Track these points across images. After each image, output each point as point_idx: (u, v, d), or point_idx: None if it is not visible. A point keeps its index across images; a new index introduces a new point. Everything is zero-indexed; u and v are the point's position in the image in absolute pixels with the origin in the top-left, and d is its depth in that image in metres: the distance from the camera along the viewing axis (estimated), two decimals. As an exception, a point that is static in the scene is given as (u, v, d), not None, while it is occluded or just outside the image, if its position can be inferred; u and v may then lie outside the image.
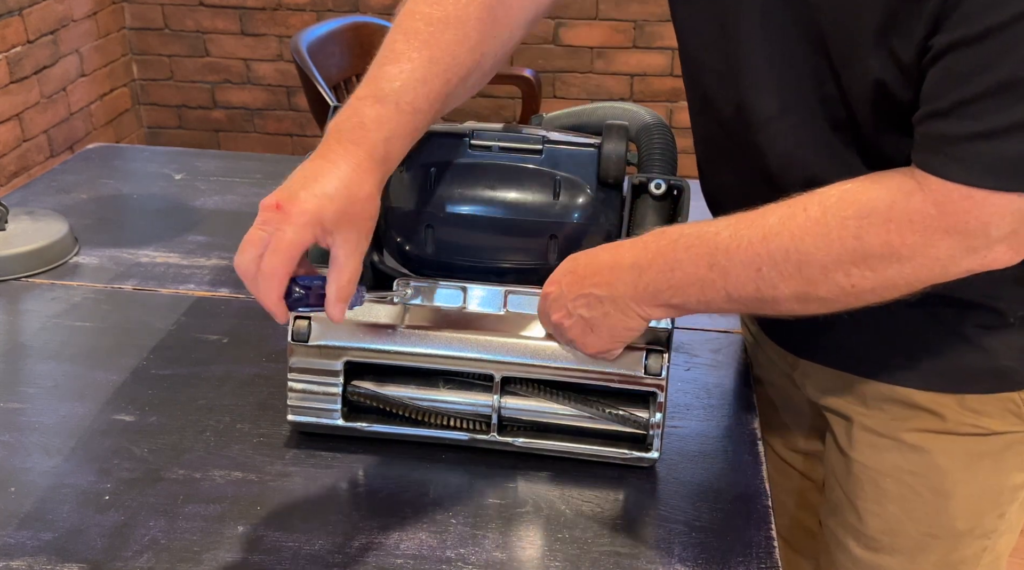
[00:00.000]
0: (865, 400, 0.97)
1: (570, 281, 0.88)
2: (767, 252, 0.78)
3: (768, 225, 0.79)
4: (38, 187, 1.57)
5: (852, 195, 0.77)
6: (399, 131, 0.84)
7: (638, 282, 0.85)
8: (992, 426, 0.93)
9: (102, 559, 0.85)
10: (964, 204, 0.72)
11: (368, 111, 0.83)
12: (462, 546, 0.87)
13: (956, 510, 0.97)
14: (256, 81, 3.40)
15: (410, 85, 0.84)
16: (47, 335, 1.17)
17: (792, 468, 1.17)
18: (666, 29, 3.16)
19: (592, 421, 0.95)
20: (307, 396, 0.96)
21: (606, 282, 0.86)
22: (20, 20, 2.80)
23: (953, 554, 0.99)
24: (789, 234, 0.78)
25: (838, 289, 0.78)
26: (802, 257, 0.77)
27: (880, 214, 0.75)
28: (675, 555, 0.86)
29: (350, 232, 0.80)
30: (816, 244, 0.77)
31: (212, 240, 1.40)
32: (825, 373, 1.00)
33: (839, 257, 0.77)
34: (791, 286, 0.79)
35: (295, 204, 0.78)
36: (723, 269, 0.80)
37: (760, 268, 0.79)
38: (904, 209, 0.74)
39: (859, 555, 1.03)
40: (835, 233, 0.76)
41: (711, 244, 0.81)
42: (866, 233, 0.75)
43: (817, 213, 0.77)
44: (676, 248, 0.83)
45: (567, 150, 0.96)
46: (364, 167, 0.81)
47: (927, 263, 0.75)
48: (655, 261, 0.84)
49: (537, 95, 2.51)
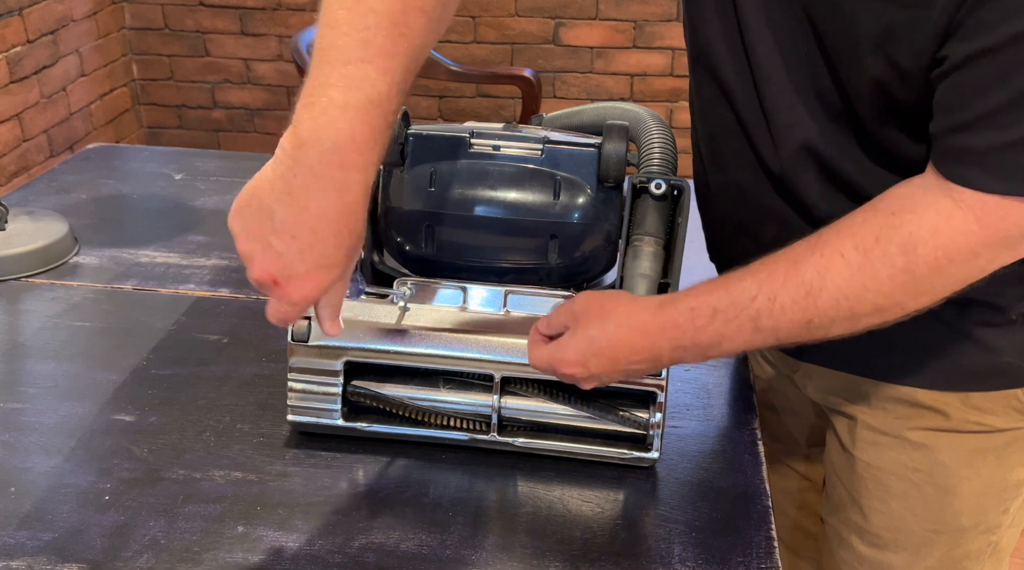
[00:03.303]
0: (868, 400, 0.97)
1: (601, 364, 0.84)
2: (815, 307, 0.78)
3: (807, 280, 0.77)
4: (38, 187, 1.57)
5: (889, 231, 0.76)
6: (384, 149, 0.74)
7: (684, 356, 0.84)
8: (996, 423, 0.93)
9: (102, 559, 0.85)
10: (1002, 213, 0.72)
11: (356, 126, 0.71)
12: (462, 546, 0.87)
13: (960, 506, 0.97)
14: (256, 81, 3.40)
15: (394, 94, 0.73)
16: (47, 335, 1.17)
17: (791, 469, 1.17)
18: (666, 29, 3.16)
19: (592, 421, 0.95)
20: (307, 396, 0.96)
21: (648, 359, 0.84)
22: (20, 20, 2.80)
23: (957, 550, 0.99)
24: (834, 285, 0.77)
25: (892, 316, 0.79)
26: (853, 304, 0.77)
27: (927, 244, 0.74)
28: (675, 555, 0.86)
29: (346, 273, 0.77)
30: (865, 288, 0.76)
31: (212, 240, 1.40)
32: (827, 375, 1.00)
33: (890, 293, 0.76)
34: (843, 328, 0.79)
35: (296, 290, 0.73)
36: (772, 329, 0.80)
37: (811, 321, 0.78)
38: (948, 233, 0.74)
39: (863, 552, 1.03)
40: (884, 274, 0.76)
41: (751, 311, 0.79)
42: (915, 266, 0.75)
43: (858, 258, 0.76)
44: (715, 323, 0.80)
45: (567, 150, 0.96)
46: (359, 201, 0.72)
47: (971, 271, 0.76)
48: (699, 339, 0.82)
49: (537, 95, 2.51)
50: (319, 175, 0.71)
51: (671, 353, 0.83)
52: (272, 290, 0.74)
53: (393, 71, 0.72)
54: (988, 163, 0.72)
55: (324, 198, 0.71)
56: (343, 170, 0.71)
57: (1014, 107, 0.69)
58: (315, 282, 0.73)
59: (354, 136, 0.70)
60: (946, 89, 0.73)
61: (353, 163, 0.71)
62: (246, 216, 0.74)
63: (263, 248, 0.73)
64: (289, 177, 0.71)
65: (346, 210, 0.72)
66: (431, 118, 3.36)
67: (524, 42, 3.25)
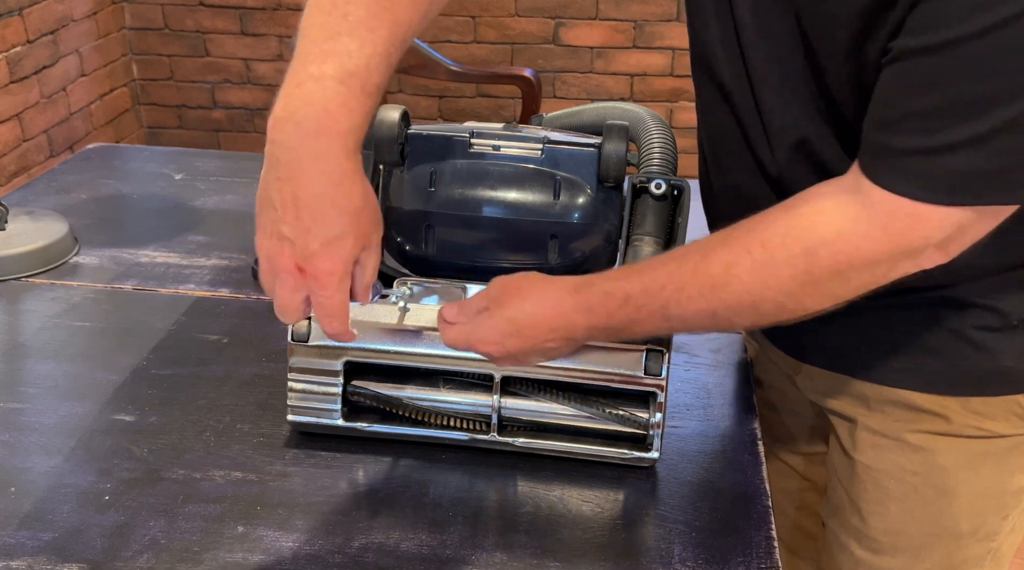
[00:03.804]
0: (868, 403, 0.97)
1: (517, 343, 0.85)
2: (720, 300, 0.80)
3: (714, 273, 0.79)
4: (38, 187, 1.57)
5: (796, 232, 0.77)
6: (364, 118, 0.74)
7: (597, 337, 0.87)
8: (996, 428, 0.93)
9: (102, 559, 0.85)
10: (908, 221, 0.72)
11: (330, 95, 0.72)
12: (462, 546, 0.87)
13: (959, 511, 0.97)
14: (256, 81, 3.40)
15: (375, 64, 0.74)
16: (47, 335, 1.17)
17: (792, 470, 1.17)
18: (666, 29, 3.16)
19: (592, 421, 0.95)
20: (307, 396, 0.96)
21: (563, 338, 0.85)
22: (20, 20, 2.80)
23: (956, 555, 0.99)
24: (740, 283, 0.78)
25: (792, 314, 0.80)
26: (755, 299, 0.79)
27: (829, 248, 0.75)
28: (675, 555, 0.86)
29: (372, 242, 0.76)
30: (767, 285, 0.78)
31: (212, 240, 1.40)
32: (828, 377, 1.00)
33: (791, 292, 0.78)
34: (746, 320, 0.83)
35: (318, 268, 0.73)
36: (680, 318, 0.82)
37: (715, 312, 0.81)
38: (852, 238, 0.75)
39: (861, 557, 1.03)
40: (785, 273, 0.77)
41: (660, 299, 0.81)
42: (815, 266, 0.76)
43: (763, 256, 0.78)
44: (627, 308, 0.83)
45: (567, 150, 0.96)
46: (346, 167, 0.72)
47: (872, 278, 0.77)
48: (611, 323, 0.84)
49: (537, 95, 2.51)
50: (297, 148, 0.71)
51: (585, 333, 0.85)
52: (304, 281, 0.74)
53: (374, 43, 0.72)
54: (902, 165, 0.71)
55: (308, 170, 0.71)
56: (317, 138, 0.71)
57: (940, 114, 0.69)
58: (333, 256, 0.73)
59: (327, 106, 0.71)
60: (882, 83, 0.73)
61: (327, 130, 0.71)
62: (259, 219, 0.75)
63: (277, 241, 0.73)
64: (273, 161, 0.72)
65: (332, 178, 0.72)
66: (431, 118, 3.36)
67: (524, 42, 3.25)
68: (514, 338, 0.85)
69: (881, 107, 0.73)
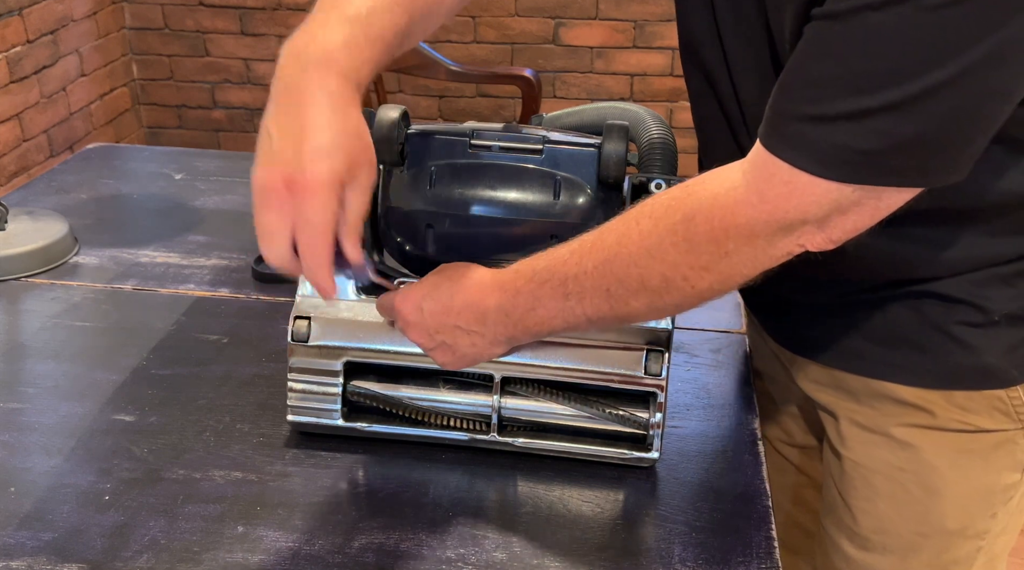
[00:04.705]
0: (857, 397, 0.98)
1: (433, 312, 0.86)
2: (612, 274, 0.79)
3: (607, 246, 0.79)
4: (38, 187, 1.57)
5: (678, 201, 0.77)
6: (368, 60, 0.76)
7: (507, 322, 0.85)
8: (980, 423, 0.93)
9: (102, 559, 0.85)
10: (784, 189, 0.71)
11: (332, 36, 0.75)
12: (462, 546, 0.87)
13: (946, 509, 0.97)
14: (256, 81, 3.40)
15: (377, 12, 0.77)
16: (47, 335, 1.17)
17: (788, 463, 1.17)
18: (666, 29, 3.16)
19: (592, 421, 0.95)
20: (307, 396, 0.96)
21: (475, 320, 0.86)
22: (20, 20, 2.80)
23: (945, 555, 0.99)
24: (627, 253, 0.78)
25: (681, 293, 0.79)
26: (642, 272, 0.78)
27: (704, 213, 0.75)
28: (675, 555, 0.86)
29: (361, 174, 0.75)
30: (651, 256, 0.77)
31: (212, 240, 1.40)
32: (818, 370, 1.01)
33: (675, 264, 0.77)
34: (640, 300, 0.80)
35: (306, 176, 0.72)
36: (578, 296, 0.81)
37: (608, 289, 0.80)
38: (728, 204, 0.74)
39: (852, 555, 1.03)
40: (667, 242, 0.77)
41: (562, 275, 0.81)
42: (693, 233, 0.75)
43: (648, 226, 0.78)
44: (533, 284, 0.83)
45: (567, 150, 0.96)
46: (345, 96, 0.74)
47: (752, 251, 0.75)
48: (518, 302, 0.84)
49: (537, 95, 2.51)
50: (299, 79, 0.74)
51: (495, 315, 0.85)
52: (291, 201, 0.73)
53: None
54: (786, 130, 0.71)
55: (308, 96, 0.73)
56: (318, 69, 0.74)
57: (831, 84, 0.68)
58: (321, 165, 0.72)
59: (327, 46, 0.74)
60: (796, 49, 0.72)
61: (329, 65, 0.74)
62: (257, 153, 0.75)
63: (267, 159, 0.74)
64: (275, 94, 0.75)
65: (331, 103, 0.73)
66: (431, 118, 3.36)
67: (524, 42, 3.25)
68: (432, 301, 0.86)
69: (785, 72, 0.72)
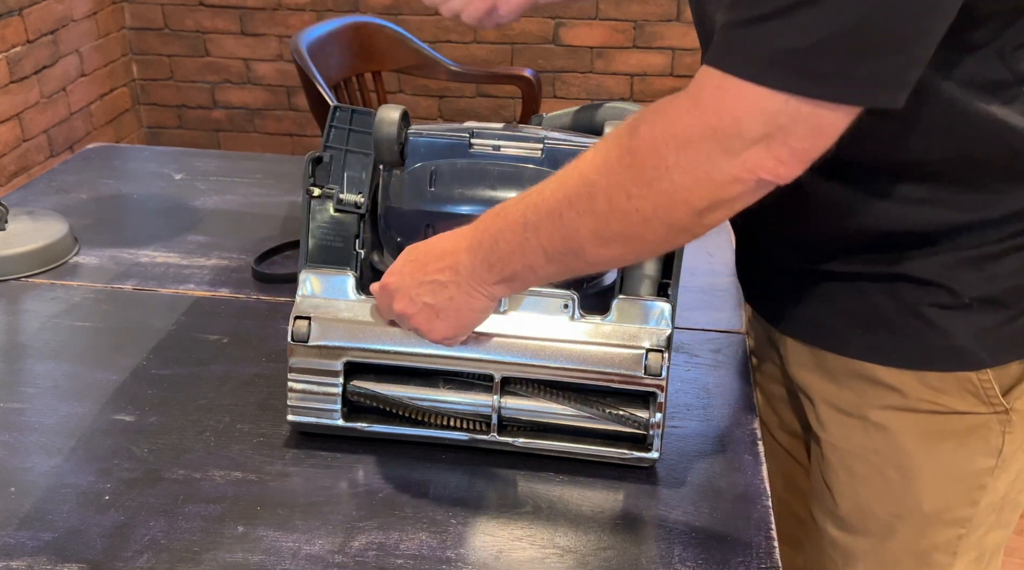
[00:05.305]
0: (835, 376, 0.98)
1: (411, 270, 0.88)
2: (564, 194, 0.79)
3: (565, 170, 0.80)
4: (38, 187, 1.57)
5: (630, 120, 0.77)
6: None
7: (475, 262, 0.85)
8: (952, 404, 0.94)
9: (102, 559, 0.85)
10: (717, 94, 0.70)
11: None
12: (462, 546, 0.87)
13: (922, 491, 0.98)
14: (256, 81, 3.40)
15: None
16: (47, 335, 1.17)
17: (780, 447, 1.18)
18: (666, 29, 3.16)
19: (592, 421, 0.95)
20: (307, 396, 0.96)
21: (448, 267, 0.86)
22: (20, 20, 2.80)
23: (923, 540, 1.00)
24: (579, 171, 0.79)
25: (624, 218, 0.77)
26: (590, 189, 0.78)
27: (647, 123, 0.74)
28: (675, 555, 0.86)
29: None
30: (599, 171, 0.77)
31: (212, 240, 1.40)
32: (803, 351, 1.01)
33: (619, 180, 0.76)
34: (588, 224, 0.78)
35: None
36: (535, 226, 0.81)
37: (561, 213, 0.79)
38: (669, 112, 0.74)
39: (835, 537, 1.04)
40: (613, 155, 0.77)
41: (523, 204, 0.82)
42: (635, 144, 0.75)
43: (601, 145, 0.79)
44: (498, 219, 0.84)
45: (567, 150, 0.96)
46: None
47: (691, 169, 0.73)
48: (484, 237, 0.84)
49: (537, 95, 2.51)
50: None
51: (465, 257, 0.85)
52: None
53: None
54: (723, 36, 0.71)
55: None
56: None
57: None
58: None
59: None
60: None
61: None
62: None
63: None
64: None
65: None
66: (431, 118, 3.36)
67: (524, 42, 3.25)
68: (410, 264, 0.88)
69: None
